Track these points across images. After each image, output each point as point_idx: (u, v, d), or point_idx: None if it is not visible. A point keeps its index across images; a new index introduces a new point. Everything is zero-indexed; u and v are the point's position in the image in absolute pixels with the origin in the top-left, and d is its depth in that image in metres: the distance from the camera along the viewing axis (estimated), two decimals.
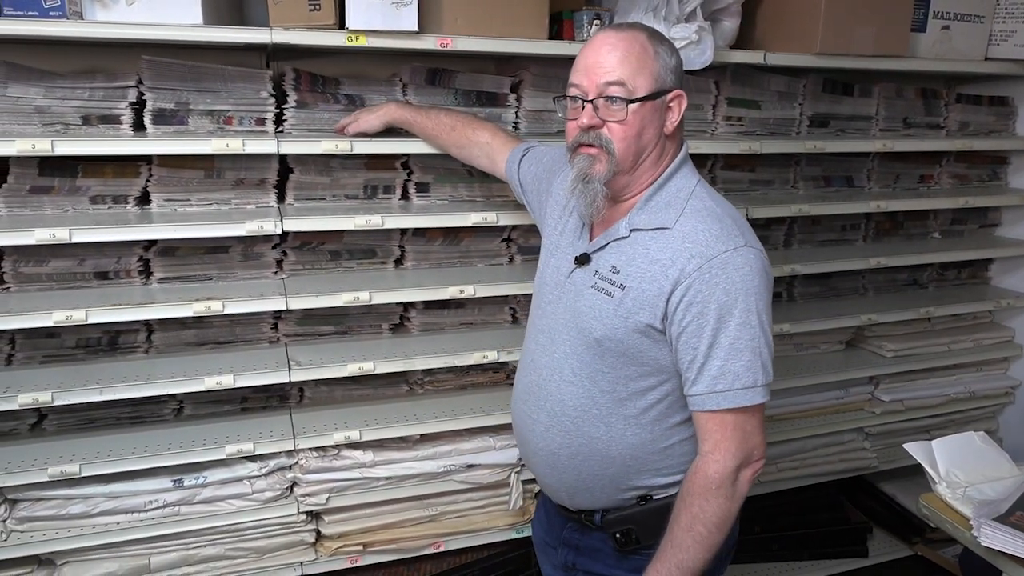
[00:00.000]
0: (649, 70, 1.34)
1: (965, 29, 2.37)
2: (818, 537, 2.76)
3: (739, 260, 1.30)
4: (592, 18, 1.95)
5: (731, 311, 1.29)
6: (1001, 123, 2.72)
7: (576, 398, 1.44)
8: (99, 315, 1.76)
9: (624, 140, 1.35)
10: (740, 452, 1.33)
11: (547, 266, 1.56)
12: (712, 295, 1.29)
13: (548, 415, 1.49)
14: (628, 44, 1.34)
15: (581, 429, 1.45)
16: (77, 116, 1.81)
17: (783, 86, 2.37)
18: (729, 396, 1.31)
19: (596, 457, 1.45)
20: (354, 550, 2.11)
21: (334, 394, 2.15)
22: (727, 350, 1.30)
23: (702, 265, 1.30)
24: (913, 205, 2.55)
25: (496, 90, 2.11)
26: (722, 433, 1.33)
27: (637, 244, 1.38)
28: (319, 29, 1.73)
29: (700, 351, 1.31)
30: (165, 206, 1.91)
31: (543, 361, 1.50)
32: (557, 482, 1.53)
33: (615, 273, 1.39)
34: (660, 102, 1.37)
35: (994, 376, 2.85)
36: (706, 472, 1.34)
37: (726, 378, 1.30)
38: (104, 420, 1.98)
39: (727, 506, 1.34)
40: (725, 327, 1.29)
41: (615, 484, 1.47)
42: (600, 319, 1.39)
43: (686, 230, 1.34)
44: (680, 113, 1.40)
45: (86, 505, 1.89)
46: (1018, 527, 1.54)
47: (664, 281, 1.33)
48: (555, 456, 1.50)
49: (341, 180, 2.03)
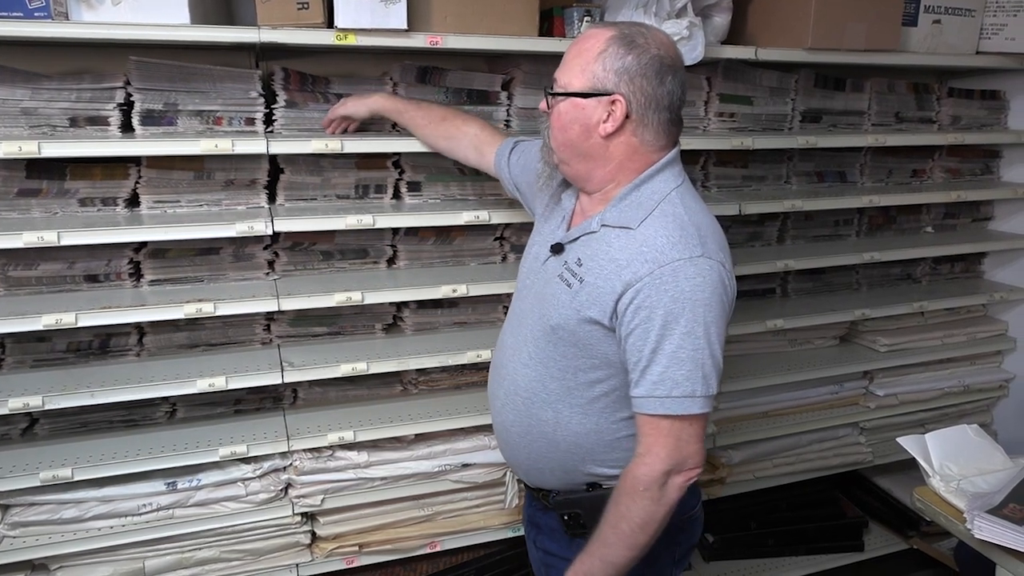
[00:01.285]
0: (585, 68, 1.34)
1: (956, 23, 2.37)
2: (814, 532, 2.76)
3: (692, 270, 1.29)
4: (583, 14, 1.94)
5: (677, 320, 1.29)
6: (993, 117, 2.73)
7: (528, 380, 1.48)
8: (89, 318, 1.75)
9: (553, 130, 1.41)
10: (671, 458, 1.33)
11: (530, 252, 1.59)
12: (660, 302, 1.29)
13: (505, 392, 1.54)
14: (588, 43, 1.35)
15: (530, 411, 1.49)
16: (64, 118, 1.79)
17: (775, 81, 2.37)
18: (666, 403, 1.31)
19: (543, 440, 1.49)
20: (350, 551, 2.10)
21: (328, 395, 2.14)
22: (669, 357, 1.30)
23: (653, 271, 1.30)
24: (906, 200, 2.56)
25: (487, 88, 2.10)
26: (655, 437, 1.34)
27: (603, 240, 1.39)
28: (308, 28, 1.72)
29: (644, 355, 1.32)
30: (155, 207, 1.90)
31: (509, 341, 1.56)
32: (512, 457, 1.60)
33: (579, 266, 1.40)
34: (594, 102, 1.34)
35: (988, 369, 2.86)
36: (635, 473, 1.35)
37: (665, 384, 1.31)
38: (96, 424, 1.97)
39: (652, 508, 1.34)
40: (669, 335, 1.29)
41: (562, 467, 1.50)
42: (557, 308, 1.41)
43: (647, 234, 1.34)
44: (617, 120, 1.33)
45: (79, 509, 1.88)
46: (1011, 519, 1.54)
47: (616, 281, 1.33)
48: (508, 432, 1.55)
49: (332, 180, 2.03)
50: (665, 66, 1.33)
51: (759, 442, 2.54)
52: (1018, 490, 1.65)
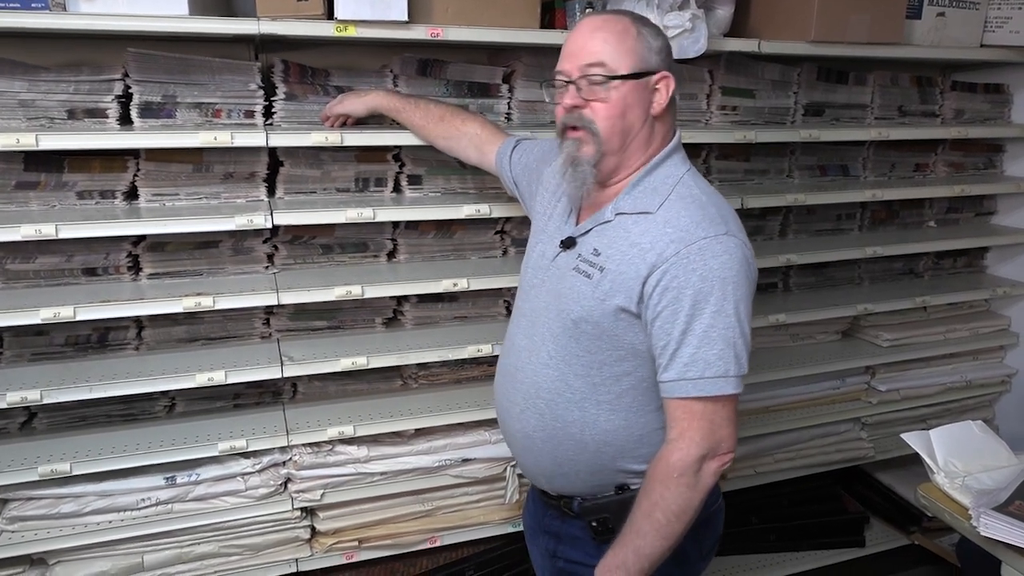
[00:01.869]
0: (630, 49, 1.34)
1: (960, 16, 2.36)
2: (815, 528, 2.75)
3: (718, 248, 1.29)
4: (584, 6, 1.92)
5: (707, 298, 1.28)
6: (996, 110, 2.71)
7: (551, 381, 1.44)
8: (88, 312, 1.74)
9: (607, 119, 1.35)
10: (705, 442, 1.31)
11: (533, 250, 1.56)
12: (688, 281, 1.28)
13: (523, 397, 1.49)
14: (610, 26, 1.35)
15: (555, 412, 1.44)
16: (62, 110, 1.78)
17: (777, 74, 2.35)
18: (699, 384, 1.29)
19: (570, 442, 1.45)
20: (349, 546, 2.09)
21: (327, 389, 2.13)
22: (700, 337, 1.29)
23: (680, 250, 1.29)
24: (909, 194, 2.55)
25: (488, 80, 2.08)
26: (689, 421, 1.32)
27: (620, 228, 1.38)
28: (307, 19, 1.71)
29: (673, 337, 1.30)
30: (153, 201, 1.89)
31: (522, 343, 1.51)
32: (534, 465, 1.54)
33: (596, 255, 1.38)
34: (644, 82, 1.36)
35: (990, 364, 2.85)
36: (669, 459, 1.32)
37: (697, 366, 1.29)
38: (95, 418, 1.96)
39: (688, 495, 1.32)
40: (699, 314, 1.28)
41: (590, 470, 1.46)
42: (578, 300, 1.39)
43: (668, 215, 1.34)
44: (668, 95, 1.38)
45: (77, 504, 1.88)
46: (1018, 516, 1.53)
47: (641, 264, 1.32)
48: (530, 439, 1.50)
49: (332, 173, 2.01)
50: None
51: (761, 437, 2.53)
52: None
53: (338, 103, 1.86)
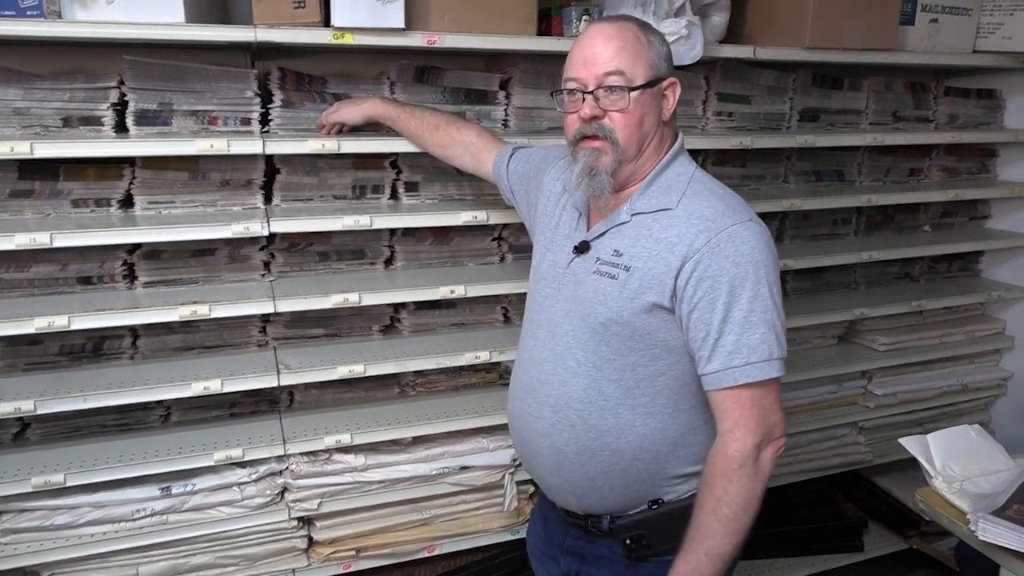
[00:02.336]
0: (645, 59, 1.37)
1: (953, 22, 2.37)
2: (814, 533, 2.75)
3: (746, 234, 1.31)
4: (581, 13, 1.93)
5: (743, 284, 1.29)
6: (989, 116, 2.73)
7: (582, 389, 1.41)
8: (82, 321, 1.72)
9: (627, 128, 1.37)
10: (760, 429, 1.31)
11: (543, 261, 1.54)
12: (723, 269, 1.29)
13: (552, 410, 1.45)
14: (623, 35, 1.36)
15: (588, 422, 1.41)
16: (57, 118, 1.77)
17: (773, 80, 2.36)
18: (746, 371, 1.29)
19: (605, 452, 1.42)
20: (347, 555, 2.08)
21: (324, 397, 2.12)
22: (741, 324, 1.29)
23: (710, 240, 1.30)
24: (904, 198, 2.55)
25: (485, 87, 2.08)
26: (740, 411, 1.31)
27: (640, 227, 1.38)
28: (304, 27, 1.71)
29: (713, 327, 1.30)
30: (149, 208, 1.88)
31: (543, 356, 1.47)
32: (564, 483, 1.49)
33: (618, 256, 1.38)
34: (656, 90, 1.40)
35: (986, 368, 2.86)
36: (727, 452, 1.31)
37: (741, 352, 1.29)
38: (89, 428, 1.94)
39: (751, 486, 1.31)
40: (737, 300, 1.29)
41: (624, 481, 1.43)
42: (605, 302, 1.37)
43: (690, 208, 1.36)
44: (675, 99, 1.42)
45: (71, 515, 1.86)
46: (1016, 520, 1.53)
47: (671, 258, 1.32)
48: (562, 454, 1.45)
49: (329, 180, 2.01)
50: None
51: None
52: (1021, 491, 1.64)
53: (334, 111, 1.86)
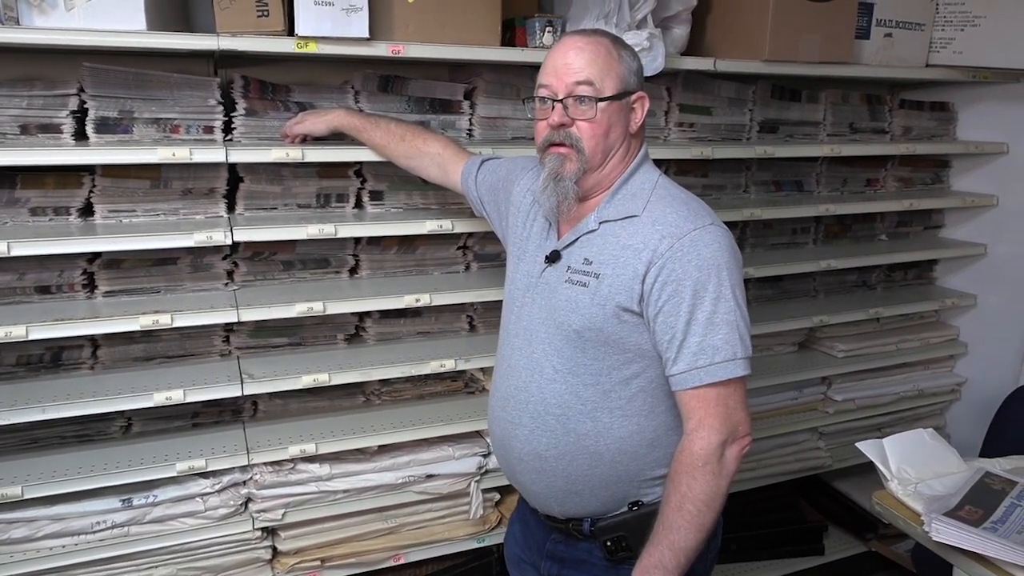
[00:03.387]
0: (615, 72, 1.40)
1: (907, 36, 2.44)
2: (775, 537, 2.79)
3: (708, 237, 1.35)
4: (544, 25, 1.95)
5: (705, 286, 1.32)
6: (942, 128, 2.80)
7: (559, 395, 1.44)
8: (40, 331, 1.70)
9: (593, 138, 1.40)
10: (724, 428, 1.34)
11: (516, 271, 1.56)
12: (686, 272, 1.32)
13: (531, 417, 1.47)
14: (595, 47, 1.39)
15: (567, 427, 1.44)
16: (15, 125, 1.75)
17: (733, 92, 2.41)
18: (710, 371, 1.32)
19: (584, 455, 1.44)
20: (312, 565, 2.07)
21: (289, 407, 2.11)
22: (704, 325, 1.32)
23: (673, 245, 1.34)
24: (860, 208, 2.62)
25: (450, 97, 2.10)
26: (705, 410, 1.34)
27: (607, 234, 1.41)
28: (268, 35, 1.70)
29: (678, 329, 1.33)
30: (109, 217, 1.86)
31: (521, 363, 1.50)
32: (545, 488, 1.51)
33: (588, 264, 1.41)
34: (625, 102, 1.43)
35: (941, 374, 2.93)
36: (692, 450, 1.34)
37: (706, 353, 1.32)
38: (48, 440, 1.91)
39: (715, 483, 1.34)
40: (701, 303, 1.32)
41: (604, 484, 1.46)
42: (578, 310, 1.40)
43: (655, 215, 1.39)
44: (643, 113, 1.46)
45: (29, 528, 1.82)
46: (967, 521, 1.57)
47: (638, 264, 1.36)
48: (542, 459, 1.48)
49: (293, 189, 2.00)
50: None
51: None
52: (973, 492, 1.68)
53: (298, 122, 1.85)
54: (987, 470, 1.79)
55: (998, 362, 2.81)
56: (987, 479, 1.74)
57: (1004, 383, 2.64)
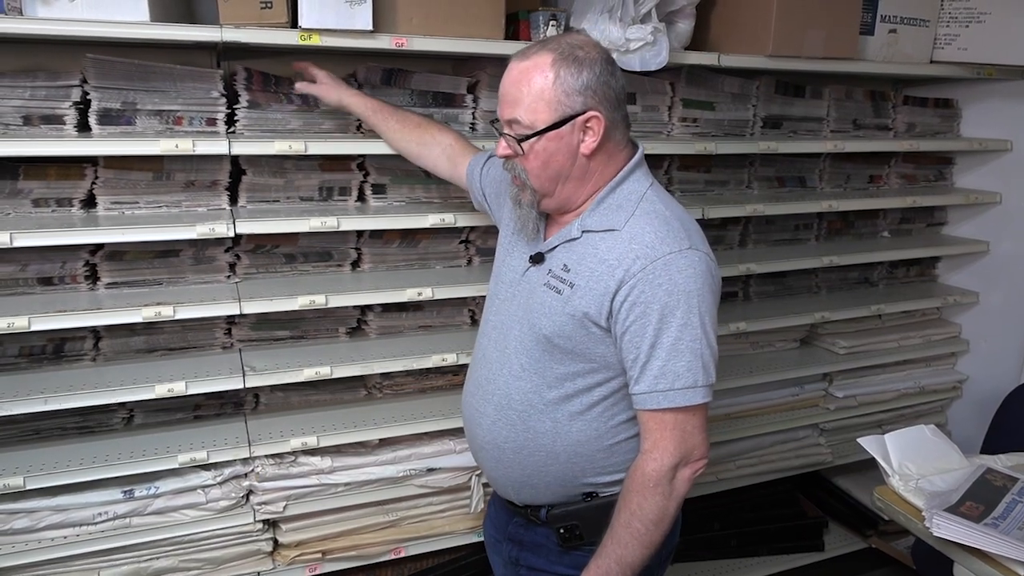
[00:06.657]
0: (547, 99, 1.32)
1: (911, 32, 2.43)
2: (775, 532, 2.79)
3: (683, 262, 1.32)
4: (548, 18, 1.94)
5: (673, 312, 1.31)
6: (946, 124, 2.80)
7: (523, 392, 1.46)
8: (43, 322, 1.70)
9: (533, 172, 1.39)
10: (678, 451, 1.35)
11: (503, 264, 1.57)
12: (655, 296, 1.31)
13: (495, 408, 1.50)
14: (529, 75, 1.33)
15: (527, 423, 1.46)
16: (17, 116, 1.74)
17: (737, 87, 2.40)
18: (669, 396, 1.33)
19: (541, 452, 1.47)
20: (312, 558, 2.07)
21: (290, 400, 2.11)
22: (668, 350, 1.32)
23: (646, 266, 1.32)
24: (863, 205, 2.61)
25: (453, 91, 2.09)
26: (661, 432, 1.35)
27: (588, 244, 1.40)
28: (271, 28, 1.70)
29: (643, 350, 1.33)
30: (112, 209, 1.86)
31: (493, 355, 1.52)
32: (503, 476, 1.55)
33: (566, 271, 1.41)
34: (568, 127, 1.34)
35: (942, 371, 2.93)
36: (644, 470, 1.36)
37: (667, 378, 1.32)
38: (50, 431, 1.91)
39: (664, 504, 1.36)
40: (667, 328, 1.31)
41: (559, 480, 1.48)
42: (549, 316, 1.40)
43: (634, 232, 1.36)
44: (600, 133, 1.35)
45: (31, 519, 1.83)
46: (968, 517, 1.58)
47: (610, 280, 1.34)
48: (500, 450, 1.51)
49: (295, 182, 2.00)
50: (610, 62, 1.37)
51: (722, 444, 2.56)
52: (974, 488, 1.68)
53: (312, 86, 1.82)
54: (988, 467, 1.79)
55: (1000, 359, 2.81)
56: (988, 475, 1.74)
57: (1006, 380, 2.65)
